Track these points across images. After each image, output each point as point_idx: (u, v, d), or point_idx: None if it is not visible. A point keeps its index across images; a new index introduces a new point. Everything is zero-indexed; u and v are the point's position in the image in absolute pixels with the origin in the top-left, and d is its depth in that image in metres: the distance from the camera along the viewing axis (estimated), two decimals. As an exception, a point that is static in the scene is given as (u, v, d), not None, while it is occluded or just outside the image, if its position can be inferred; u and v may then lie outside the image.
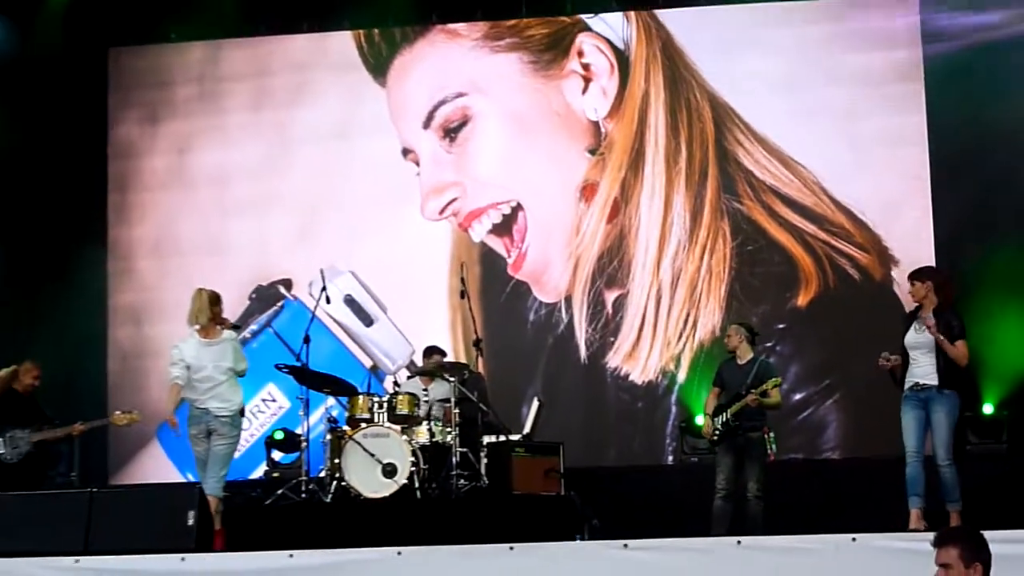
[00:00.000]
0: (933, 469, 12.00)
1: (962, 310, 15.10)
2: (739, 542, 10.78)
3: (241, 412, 12.89)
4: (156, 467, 16.94)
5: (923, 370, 12.00)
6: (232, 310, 16.09)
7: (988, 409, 15.79)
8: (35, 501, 12.36)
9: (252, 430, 16.45)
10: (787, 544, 10.61)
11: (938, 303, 12.09)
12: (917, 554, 9.64)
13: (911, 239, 16.24)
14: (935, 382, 11.95)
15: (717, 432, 13.25)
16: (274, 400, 16.30)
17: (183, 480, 16.20)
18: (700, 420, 13.59)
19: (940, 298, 12.13)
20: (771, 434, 13.43)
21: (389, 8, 17.17)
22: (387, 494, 12.89)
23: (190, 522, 11.62)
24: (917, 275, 12.31)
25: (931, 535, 7.03)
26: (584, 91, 16.96)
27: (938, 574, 6.90)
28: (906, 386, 12.09)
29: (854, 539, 10.43)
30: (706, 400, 13.71)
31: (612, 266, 16.71)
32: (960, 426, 15.24)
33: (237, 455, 13.23)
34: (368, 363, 16.84)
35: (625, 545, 10.59)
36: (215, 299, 12.87)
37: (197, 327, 12.77)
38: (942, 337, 11.86)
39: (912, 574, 9.22)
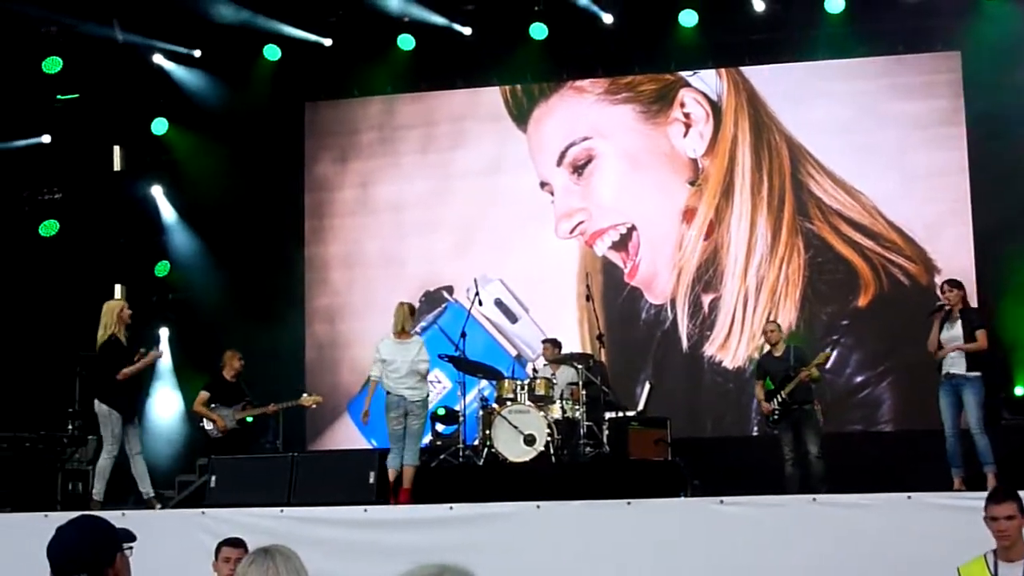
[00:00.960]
0: (970, 440, 11.74)
1: (996, 306, 15.09)
2: (814, 499, 10.58)
3: (427, 397, 12.51)
4: (346, 435, 16.75)
5: (953, 361, 11.88)
6: None
7: (1020, 391, 15.29)
8: (249, 463, 12.30)
9: None
10: (852, 501, 10.33)
11: (963, 306, 12.10)
12: (962, 510, 9.53)
13: (951, 251, 15.77)
14: (963, 371, 11.83)
15: (776, 412, 12.87)
16: (439, 382, 15.90)
17: (367, 446, 16.04)
18: (764, 408, 13.13)
19: (964, 303, 12.15)
20: (819, 406, 13.14)
21: (528, 67, 16.99)
22: (527, 459, 12.66)
23: (371, 480, 11.63)
24: (953, 284, 12.27)
25: (974, 494, 6.69)
26: (685, 135, 16.63)
27: (999, 524, 6.68)
28: (942, 376, 11.97)
29: (909, 497, 10.13)
30: (756, 391, 13.43)
31: (708, 274, 16.34)
32: (995, 405, 14.76)
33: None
34: (513, 353, 16.59)
35: (721, 501, 10.40)
36: (412, 311, 12.61)
37: (395, 331, 12.38)
38: (966, 343, 11.91)
39: (958, 526, 8.95)
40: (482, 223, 16.97)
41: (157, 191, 17.23)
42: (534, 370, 14.39)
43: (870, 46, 16.12)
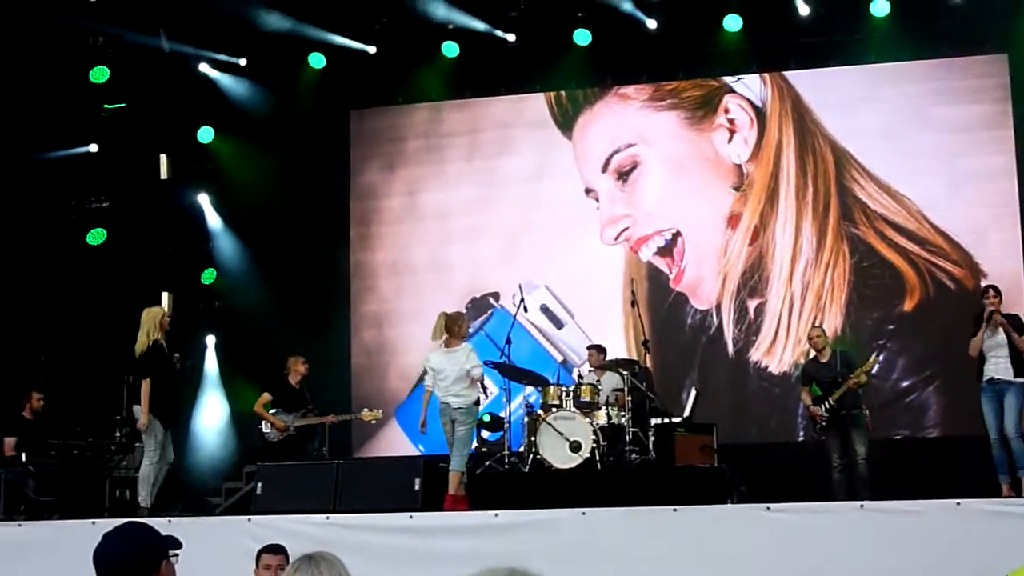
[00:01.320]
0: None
1: None
2: (862, 506, 10.52)
3: (476, 403, 12.44)
4: (394, 442, 16.77)
5: (997, 367, 11.85)
6: None
7: None
8: (295, 470, 12.34)
9: None
10: (900, 507, 10.21)
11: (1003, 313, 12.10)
12: (1011, 516, 9.70)
13: (997, 255, 15.65)
14: (1009, 376, 11.79)
15: (825, 418, 12.78)
16: (485, 388, 15.65)
17: (415, 453, 16.10)
18: (812, 412, 13.04)
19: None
20: (867, 411, 13.01)
21: (572, 73, 16.98)
22: (573, 466, 12.59)
23: (416, 487, 11.60)
24: (996, 291, 12.25)
25: (1018, 500, 6.58)
26: (729, 141, 16.54)
27: None
28: (984, 381, 11.94)
29: (958, 504, 10.04)
30: (803, 397, 13.31)
31: (753, 280, 16.26)
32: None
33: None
34: (559, 358, 16.56)
35: (768, 508, 10.32)
36: (451, 320, 12.50)
37: (443, 340, 12.41)
38: (1015, 334, 11.85)
39: (1007, 534, 8.81)
40: (527, 229, 16.97)
41: (203, 199, 17.34)
42: (579, 376, 14.24)
43: (916, 49, 16.01)
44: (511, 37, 16.66)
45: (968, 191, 15.87)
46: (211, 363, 17.08)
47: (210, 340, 17.16)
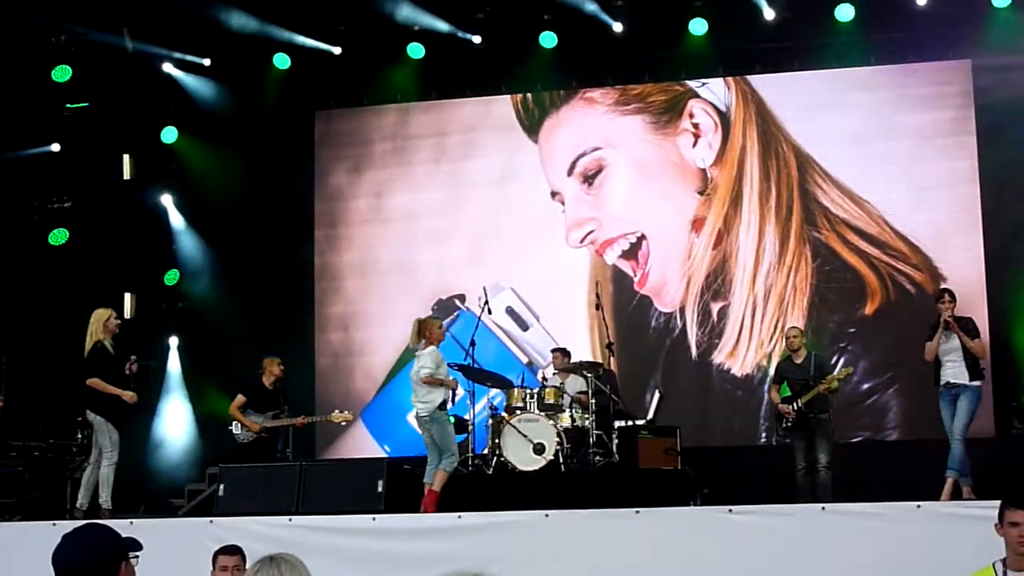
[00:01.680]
0: (969, 449, 11.90)
1: (1008, 316, 15.29)
2: (823, 508, 10.54)
3: (442, 406, 12.09)
4: (360, 443, 16.82)
5: (953, 371, 11.95)
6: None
7: None
8: (258, 472, 12.29)
9: None
10: (861, 510, 10.24)
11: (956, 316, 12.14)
12: (971, 519, 9.32)
13: (957, 260, 15.78)
14: (964, 380, 11.90)
15: (791, 419, 12.77)
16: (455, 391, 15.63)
17: (380, 454, 16.28)
18: (781, 409, 13.01)
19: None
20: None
21: (537, 76, 17.03)
22: (537, 468, 12.65)
23: (379, 489, 11.55)
24: (951, 295, 12.28)
25: (984, 503, 6.63)
26: (694, 145, 16.62)
27: (1019, 530, 6.64)
28: (940, 385, 12.03)
29: (918, 506, 10.08)
30: (772, 395, 13.31)
31: (717, 283, 16.34)
32: (1006, 414, 14.64)
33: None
34: (525, 360, 16.58)
35: (730, 510, 10.32)
36: (420, 324, 12.24)
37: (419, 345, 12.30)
38: (967, 338, 11.96)
39: (968, 536, 8.84)
40: (494, 232, 17.02)
41: (167, 199, 17.24)
42: (543, 379, 14.32)
43: (880, 55, 16.13)
44: (477, 39, 16.62)
45: (929, 197, 15.99)
46: (174, 364, 16.98)
47: (173, 341, 17.06)
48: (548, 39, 16.42)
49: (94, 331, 12.14)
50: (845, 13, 15.67)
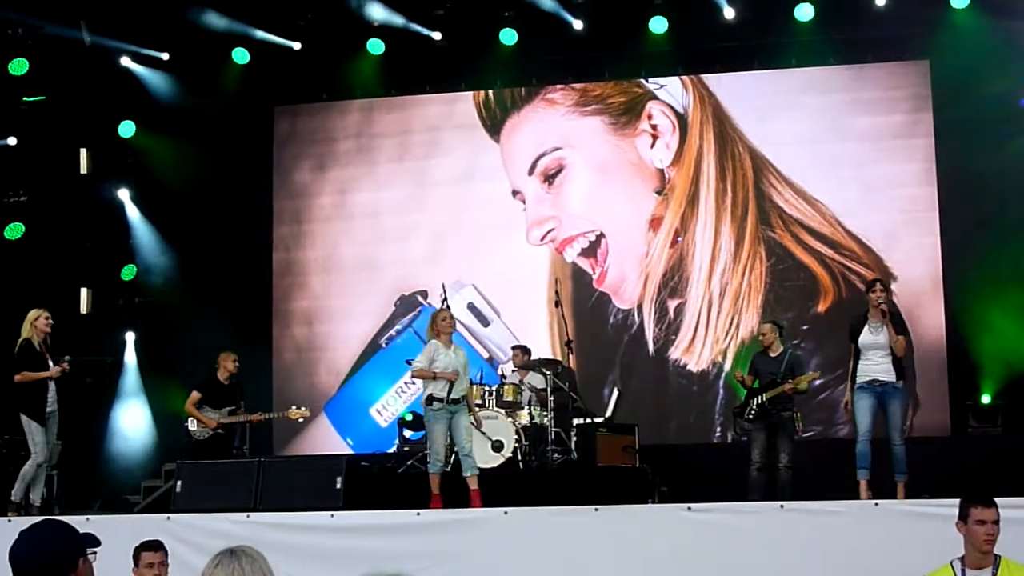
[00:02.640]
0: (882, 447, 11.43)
1: (964, 316, 15.27)
2: (782, 506, 10.51)
3: (428, 401, 11.71)
4: (323, 437, 16.88)
5: (880, 367, 11.25)
6: (381, 314, 16.85)
7: (986, 399, 15.36)
8: (216, 468, 12.19)
9: (394, 408, 16.63)
10: (819, 508, 10.26)
11: (888, 309, 11.48)
12: (929, 517, 9.42)
13: (907, 259, 16.00)
14: (892, 379, 11.25)
15: (753, 412, 12.60)
16: (414, 383, 15.52)
17: (344, 447, 16.43)
18: (739, 378, 13.01)
19: (889, 306, 11.62)
20: (798, 414, 12.80)
21: (497, 73, 17.05)
22: (495, 465, 12.63)
23: (338, 486, 11.42)
24: (883, 285, 11.78)
25: (943, 501, 6.68)
26: (652, 146, 16.74)
27: (987, 528, 6.64)
28: (863, 380, 11.29)
29: (876, 504, 10.17)
30: (738, 375, 13.15)
31: (674, 281, 16.49)
32: (962, 413, 14.66)
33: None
34: (485, 355, 16.65)
35: (688, 508, 10.31)
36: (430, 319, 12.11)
37: None
38: (895, 333, 11.31)
39: (925, 534, 8.85)
40: (456, 229, 17.12)
41: (124, 194, 17.06)
42: (502, 376, 14.32)
43: (839, 55, 16.28)
44: (437, 35, 16.58)
45: (880, 197, 16.16)
46: (130, 360, 16.81)
47: (129, 337, 16.90)
48: (508, 36, 16.42)
49: (24, 329, 12.05)
50: (804, 13, 15.72)
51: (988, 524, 6.65)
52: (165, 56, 16.72)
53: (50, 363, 12.05)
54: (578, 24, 16.25)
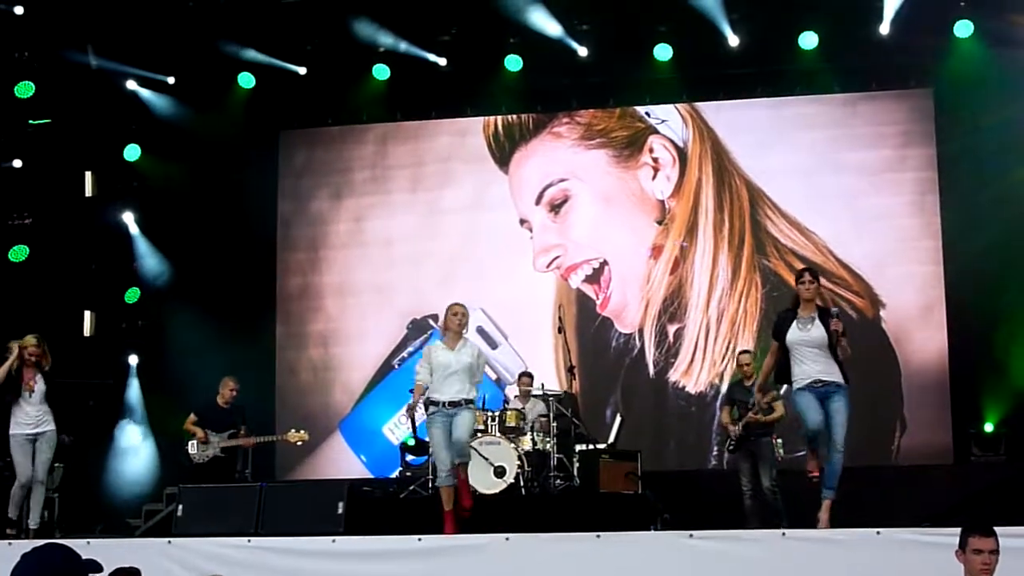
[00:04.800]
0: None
1: (967, 343, 15.37)
2: (783, 534, 10.27)
3: (426, 407, 11.24)
4: (337, 453, 17.24)
5: (822, 367, 10.15)
6: (393, 336, 17.34)
7: (989, 427, 15.33)
8: (217, 492, 12.11)
9: (406, 426, 16.17)
10: (821, 536, 10.15)
11: (821, 304, 10.47)
12: (930, 546, 9.24)
13: (894, 287, 16.27)
14: (839, 379, 10.19)
15: (732, 442, 12.65)
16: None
17: (358, 464, 16.87)
18: (728, 428, 12.98)
19: (822, 300, 10.62)
20: (778, 440, 12.75)
21: (502, 99, 17.24)
22: (498, 491, 12.58)
23: (340, 511, 11.33)
24: (812, 275, 10.50)
25: (944, 530, 6.64)
26: (654, 178, 17.11)
27: (985, 558, 6.55)
28: (803, 382, 10.20)
29: (878, 533, 9.87)
30: (722, 416, 13.24)
31: (673, 306, 16.80)
32: (965, 439, 14.54)
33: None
34: (494, 376, 16.77)
35: (691, 535, 10.12)
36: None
37: None
38: (842, 335, 10.21)
39: (927, 563, 8.74)
40: (466, 256, 17.45)
41: (128, 217, 17.03)
42: (505, 401, 14.29)
43: (842, 83, 16.47)
44: (442, 61, 16.65)
45: (869, 228, 16.42)
46: (133, 383, 16.75)
47: (133, 360, 16.85)
48: (514, 62, 16.54)
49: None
50: (809, 41, 15.81)
51: (985, 553, 6.57)
52: (171, 80, 16.72)
53: (25, 385, 11.88)
54: (583, 51, 16.30)
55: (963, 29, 15.42)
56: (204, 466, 12.93)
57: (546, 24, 16.00)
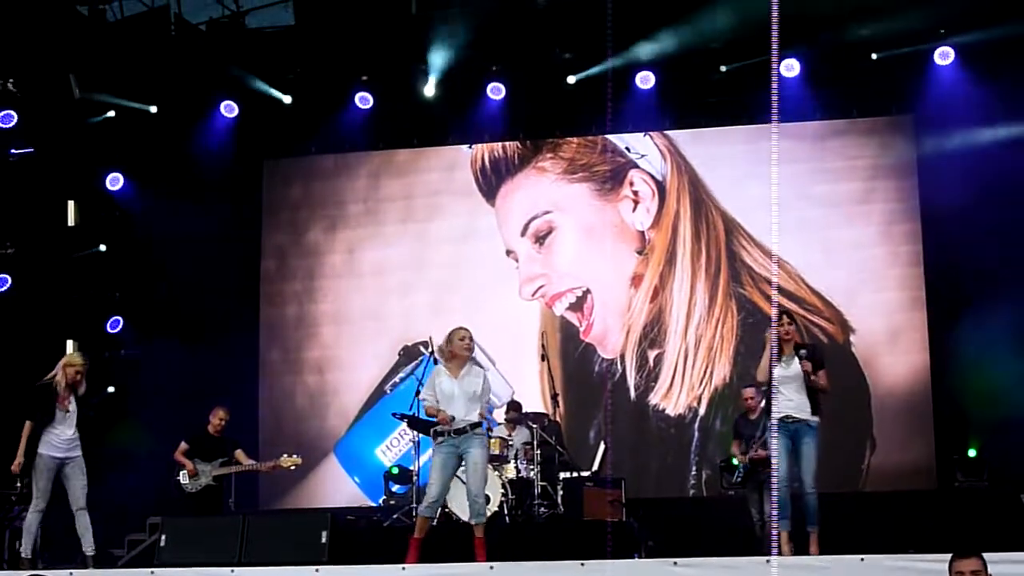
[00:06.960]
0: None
1: (949, 371, 15.35)
2: (767, 561, 10.23)
3: (433, 435, 11.06)
4: (332, 474, 17.51)
5: (793, 403, 10.50)
6: (386, 362, 17.60)
7: (972, 453, 15.39)
8: (200, 523, 11.99)
9: (398, 448, 17.06)
10: (806, 563, 10.12)
11: (799, 342, 10.98)
12: (914, 572, 9.31)
13: (864, 313, 16.59)
14: (807, 416, 10.51)
15: (740, 476, 12.73)
16: (403, 437, 16.46)
17: (352, 486, 17.20)
18: (736, 461, 13.10)
19: (798, 338, 11.04)
20: None
21: (485, 127, 17.50)
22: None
23: (323, 540, 11.20)
24: (790, 317, 11.05)
25: (930, 556, 6.60)
26: (634, 210, 17.49)
27: None
28: (777, 416, 10.56)
29: (862, 559, 9.81)
30: (732, 448, 13.29)
31: (653, 332, 17.15)
32: (949, 467, 14.48)
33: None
34: None
35: (675, 563, 10.06)
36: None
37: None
38: (812, 375, 10.62)
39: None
40: (455, 285, 17.76)
41: (110, 247, 16.94)
42: (489, 430, 14.09)
43: (823, 110, 16.69)
44: (429, 91, 16.86)
45: (839, 257, 16.76)
46: (116, 413, 16.59)
47: (114, 390, 16.69)
48: (496, 91, 16.81)
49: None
50: (791, 68, 16.00)
51: (966, 575, 6.58)
52: (153, 109, 16.66)
53: (60, 405, 11.65)
54: (570, 79, 16.52)
55: (943, 56, 15.71)
56: (195, 495, 12.81)
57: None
